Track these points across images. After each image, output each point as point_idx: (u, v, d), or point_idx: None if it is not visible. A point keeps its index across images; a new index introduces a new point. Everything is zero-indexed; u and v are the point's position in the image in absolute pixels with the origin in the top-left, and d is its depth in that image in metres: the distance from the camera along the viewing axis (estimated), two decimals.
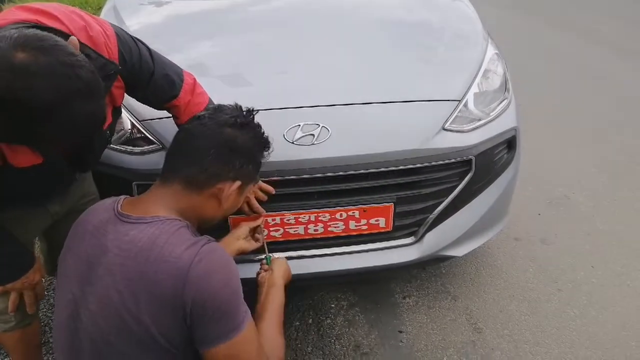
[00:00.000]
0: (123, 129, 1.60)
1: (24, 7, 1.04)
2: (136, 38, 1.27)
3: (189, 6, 2.15)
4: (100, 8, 5.94)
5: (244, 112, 1.23)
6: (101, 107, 0.93)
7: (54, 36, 0.87)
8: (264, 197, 1.50)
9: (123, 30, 1.23)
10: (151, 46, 1.87)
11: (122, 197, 1.16)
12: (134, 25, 2.02)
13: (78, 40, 0.99)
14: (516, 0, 8.43)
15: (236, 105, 1.25)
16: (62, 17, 1.04)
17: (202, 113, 1.22)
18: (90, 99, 0.88)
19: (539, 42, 6.09)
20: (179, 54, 1.88)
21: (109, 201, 1.15)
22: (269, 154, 1.29)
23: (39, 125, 0.85)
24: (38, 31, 0.87)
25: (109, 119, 1.26)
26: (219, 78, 1.77)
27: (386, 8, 2.16)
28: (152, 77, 1.28)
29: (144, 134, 1.58)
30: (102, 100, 0.93)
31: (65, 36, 0.97)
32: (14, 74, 0.80)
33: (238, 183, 1.16)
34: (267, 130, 1.49)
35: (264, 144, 1.25)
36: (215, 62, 1.83)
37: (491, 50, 1.91)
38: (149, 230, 1.02)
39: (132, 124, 1.59)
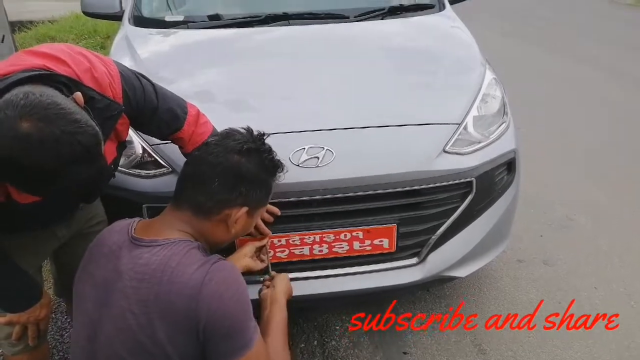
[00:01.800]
0: (134, 154, 1.65)
1: (31, 51, 1.08)
2: (140, 74, 1.31)
3: (196, 35, 2.23)
4: (108, 36, 6.11)
5: (255, 137, 1.26)
6: (100, 168, 0.97)
7: (58, 101, 0.90)
8: (270, 218, 1.53)
9: (127, 68, 1.28)
10: (160, 73, 1.97)
11: (137, 219, 1.20)
12: (144, 54, 2.09)
13: (82, 83, 1.05)
14: (515, 28, 8.61)
15: (248, 129, 1.28)
16: (68, 60, 1.08)
17: (211, 140, 1.26)
18: (89, 163, 0.92)
19: (537, 67, 6.19)
20: (186, 81, 1.96)
21: (123, 223, 1.19)
22: (282, 176, 1.32)
23: (41, 185, 0.90)
24: (44, 96, 0.89)
25: (114, 154, 1.30)
26: (225, 104, 1.83)
27: (387, 35, 2.23)
28: (156, 113, 1.32)
29: (154, 157, 1.63)
30: (102, 161, 0.97)
31: (72, 82, 1.03)
32: (18, 143, 0.84)
33: (245, 209, 1.19)
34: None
35: (274, 168, 1.28)
36: (222, 89, 1.89)
37: (489, 75, 1.97)
38: (162, 252, 1.05)
39: (143, 149, 1.64)
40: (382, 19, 2.24)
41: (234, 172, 1.18)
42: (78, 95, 0.98)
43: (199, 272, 1.02)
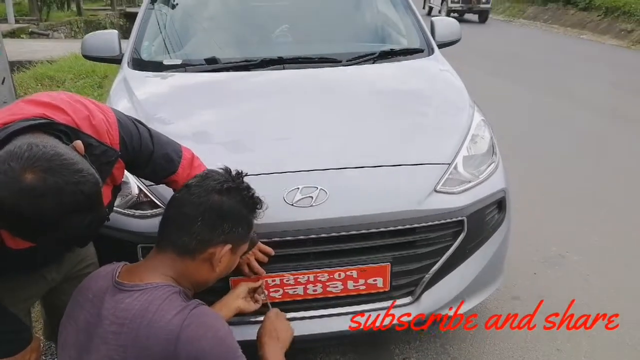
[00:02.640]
0: (130, 194, 1.67)
1: (31, 100, 1.11)
2: (136, 120, 1.34)
3: (193, 78, 2.29)
4: (106, 76, 6.23)
5: (233, 176, 1.29)
6: (100, 215, 0.99)
7: (61, 152, 0.92)
8: (264, 259, 1.54)
9: (124, 115, 1.32)
10: (157, 115, 2.01)
11: (122, 263, 1.21)
12: (142, 95, 2.14)
13: (81, 131, 1.08)
14: (507, 70, 8.87)
15: (226, 169, 1.32)
16: (67, 109, 1.11)
17: (191, 181, 1.29)
18: (90, 211, 0.95)
19: (525, 106, 6.36)
20: (183, 122, 2.01)
21: (108, 268, 1.20)
22: (262, 213, 1.35)
23: (40, 233, 0.92)
24: (47, 147, 0.91)
25: (109, 197, 1.32)
26: (221, 145, 1.87)
27: (378, 78, 2.30)
28: (152, 157, 1.35)
29: (150, 198, 1.65)
30: (101, 208, 1.00)
31: (71, 130, 1.06)
32: (22, 195, 0.86)
33: (229, 246, 1.22)
34: (268, 192, 1.57)
35: (254, 204, 1.31)
36: (218, 130, 1.94)
37: (478, 117, 2.03)
38: (142, 297, 1.07)
39: (140, 189, 1.66)
40: (373, 63, 2.32)
41: (217, 211, 1.21)
42: (78, 143, 1.01)
43: (178, 317, 1.03)
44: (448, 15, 15.27)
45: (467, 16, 18.03)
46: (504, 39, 13.65)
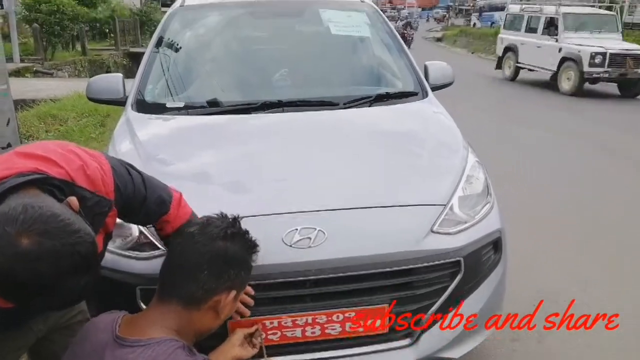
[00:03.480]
0: (131, 235, 1.69)
1: (23, 153, 1.09)
2: (129, 165, 1.36)
3: (194, 120, 2.34)
4: (108, 115, 6.33)
5: (231, 221, 1.31)
6: (96, 275, 0.98)
7: (57, 212, 0.91)
8: (250, 301, 1.53)
9: (118, 161, 1.34)
10: (159, 156, 2.06)
11: (121, 314, 1.21)
12: (144, 137, 2.19)
13: (75, 184, 1.08)
14: (504, 109, 9.03)
15: (222, 214, 1.33)
16: (60, 161, 1.09)
17: (192, 229, 1.29)
18: (87, 272, 0.93)
19: (519, 141, 6.45)
20: (183, 163, 2.05)
21: (107, 319, 1.19)
22: (257, 256, 1.37)
23: (34, 297, 0.90)
24: (43, 208, 0.90)
25: (101, 246, 1.29)
26: (221, 186, 1.90)
27: (374, 120, 2.36)
28: (145, 202, 1.34)
29: (150, 239, 1.66)
30: (98, 267, 0.99)
31: (65, 184, 1.05)
32: (17, 259, 0.85)
33: (234, 292, 1.23)
34: (267, 234, 1.60)
35: (254, 247, 1.34)
36: (218, 171, 1.97)
37: (472, 159, 2.08)
38: (146, 353, 1.06)
39: (140, 230, 1.68)
40: (369, 106, 2.39)
41: (222, 258, 1.22)
42: (73, 200, 1.00)
43: None
44: (580, 84, 10.09)
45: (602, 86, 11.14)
46: (496, 77, 13.84)
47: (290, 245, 1.60)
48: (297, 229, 1.64)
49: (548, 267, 3.15)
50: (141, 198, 1.33)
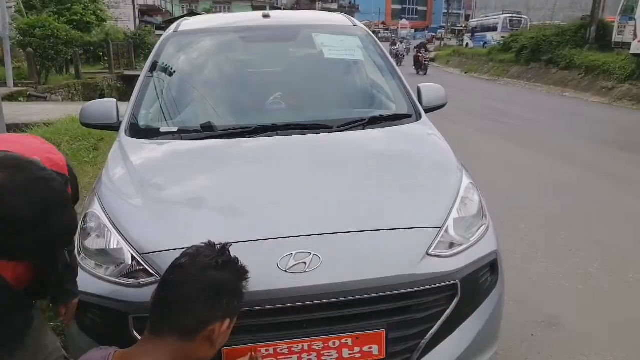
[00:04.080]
0: (124, 262, 1.67)
1: None
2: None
3: (188, 144, 2.33)
4: (102, 138, 6.32)
5: (220, 249, 1.29)
6: (74, 214, 1.02)
7: (29, 158, 0.97)
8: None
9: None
10: (152, 180, 2.06)
11: (112, 350, 1.18)
12: (137, 162, 2.19)
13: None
14: (494, 127, 9.11)
15: (209, 243, 1.32)
16: (23, 144, 1.16)
17: (182, 260, 1.27)
18: (64, 208, 0.97)
19: (512, 161, 6.49)
20: (177, 188, 2.04)
21: (97, 355, 1.16)
22: (247, 282, 1.35)
23: (20, 238, 0.91)
24: (15, 154, 0.97)
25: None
26: (216, 210, 1.89)
27: (368, 143, 2.38)
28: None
29: (143, 266, 1.64)
30: (73, 208, 1.02)
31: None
32: None
33: (228, 321, 1.21)
34: (262, 259, 1.59)
35: (245, 274, 1.32)
36: (212, 196, 1.97)
37: (466, 180, 2.08)
38: None
39: (133, 257, 1.66)
40: (363, 129, 2.40)
41: (215, 288, 1.20)
42: (36, 158, 1.05)
43: None
44: None
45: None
46: (490, 97, 14.14)
47: (286, 271, 1.59)
48: (292, 254, 1.62)
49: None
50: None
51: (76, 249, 1.81)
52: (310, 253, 1.63)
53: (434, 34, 41.81)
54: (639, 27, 12.46)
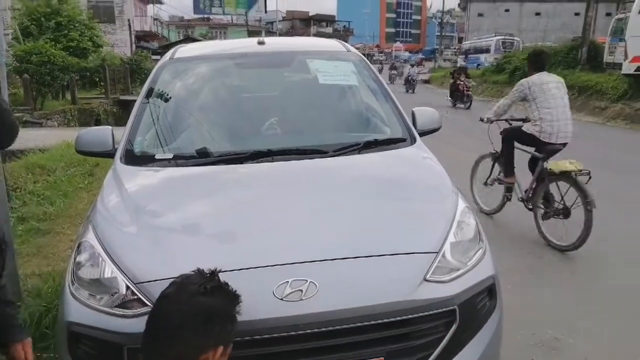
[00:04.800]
0: (118, 292, 1.65)
1: None
2: None
3: (183, 170, 2.33)
4: (97, 164, 6.31)
5: (209, 275, 1.28)
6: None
7: None
8: None
9: None
10: (148, 207, 2.04)
11: None
12: (132, 188, 2.18)
13: None
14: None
15: (198, 270, 1.30)
16: None
17: (170, 290, 1.26)
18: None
19: None
20: (173, 215, 2.03)
21: None
22: (240, 307, 1.32)
23: None
24: None
25: None
26: (211, 237, 1.88)
27: (364, 167, 2.38)
28: None
29: (137, 295, 1.62)
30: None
31: None
32: None
33: (221, 348, 1.19)
34: (258, 287, 1.57)
35: (236, 299, 1.30)
36: (207, 222, 1.96)
37: (462, 204, 2.08)
38: None
39: (127, 287, 1.64)
40: (358, 153, 2.40)
41: (205, 315, 1.18)
42: None
43: None
44: None
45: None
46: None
47: (282, 299, 1.57)
48: (288, 281, 1.61)
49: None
50: None
51: (69, 279, 1.80)
52: (307, 280, 1.62)
53: (423, 57, 42.30)
54: (630, 48, 12.66)
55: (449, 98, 16.76)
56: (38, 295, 2.79)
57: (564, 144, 4.27)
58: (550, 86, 4.33)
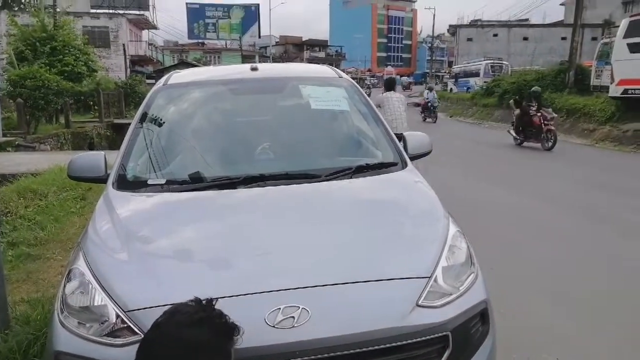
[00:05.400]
0: (107, 320, 1.63)
1: None
2: None
3: (175, 196, 2.33)
4: (90, 188, 6.28)
5: (203, 305, 1.25)
6: None
7: None
8: None
9: None
10: (139, 233, 2.04)
11: None
12: (124, 214, 2.18)
13: None
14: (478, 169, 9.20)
15: (195, 299, 1.28)
16: None
17: (159, 320, 1.24)
18: None
19: (500, 204, 6.53)
20: (165, 240, 2.03)
21: None
22: (240, 339, 1.30)
23: None
24: None
25: None
26: (203, 263, 1.88)
27: (355, 192, 2.39)
28: None
29: (127, 324, 1.60)
30: None
31: None
32: None
33: None
34: (249, 315, 1.55)
35: (229, 331, 1.26)
36: (199, 248, 1.95)
37: (453, 228, 2.09)
38: None
39: (117, 315, 1.63)
40: (350, 178, 2.42)
41: (190, 347, 1.16)
42: None
43: None
44: None
45: None
46: (476, 139, 14.41)
47: (274, 326, 1.56)
48: (280, 308, 1.60)
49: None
50: None
51: (59, 307, 1.78)
52: (299, 307, 1.61)
53: (410, 80, 42.45)
54: (616, 71, 12.93)
55: (514, 134, 12.69)
56: (27, 323, 2.74)
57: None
58: (393, 100, 7.04)
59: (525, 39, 46.50)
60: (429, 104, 20.50)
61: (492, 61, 31.44)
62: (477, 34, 47.07)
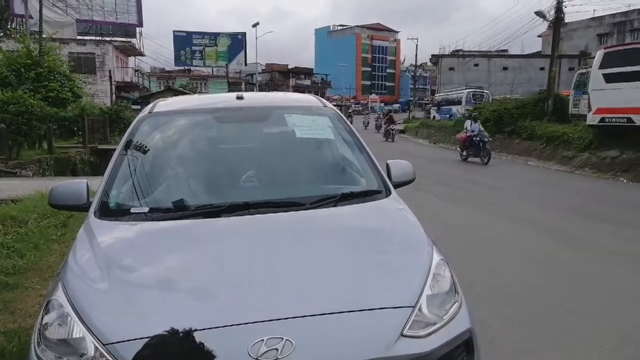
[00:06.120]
0: (86, 354, 1.59)
1: None
2: None
3: (158, 225, 2.30)
4: (71, 215, 6.18)
5: (183, 337, 1.24)
6: None
7: None
8: None
9: None
10: (120, 262, 2.01)
11: None
12: (105, 242, 2.14)
13: None
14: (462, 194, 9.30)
15: (172, 330, 1.26)
16: None
17: (143, 353, 1.23)
18: None
19: (482, 231, 6.59)
20: (147, 269, 2.00)
21: None
22: None
23: None
24: None
25: None
26: (185, 293, 1.85)
27: (340, 220, 2.39)
28: None
29: (106, 357, 1.57)
30: None
31: None
32: None
33: None
34: (232, 347, 1.53)
35: None
36: (182, 278, 1.93)
37: (437, 257, 2.10)
38: None
39: (96, 348, 1.59)
40: (334, 206, 2.43)
41: None
42: None
43: None
44: None
45: None
46: (459, 166, 14.61)
47: (257, 358, 1.54)
48: (263, 340, 1.58)
49: None
50: None
51: (36, 339, 1.73)
52: (283, 338, 1.59)
53: (390, 108, 42.68)
54: (593, 100, 13.32)
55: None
56: (2, 356, 2.66)
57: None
58: None
59: (505, 68, 47.76)
60: (476, 139, 14.68)
61: (473, 90, 32.13)
62: (459, 64, 48.21)
